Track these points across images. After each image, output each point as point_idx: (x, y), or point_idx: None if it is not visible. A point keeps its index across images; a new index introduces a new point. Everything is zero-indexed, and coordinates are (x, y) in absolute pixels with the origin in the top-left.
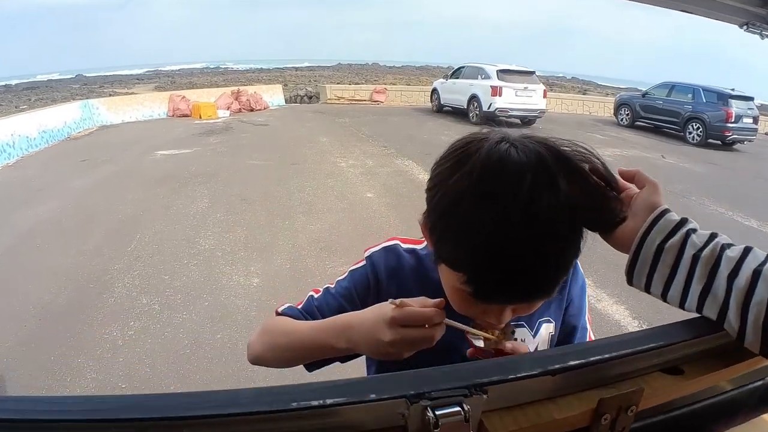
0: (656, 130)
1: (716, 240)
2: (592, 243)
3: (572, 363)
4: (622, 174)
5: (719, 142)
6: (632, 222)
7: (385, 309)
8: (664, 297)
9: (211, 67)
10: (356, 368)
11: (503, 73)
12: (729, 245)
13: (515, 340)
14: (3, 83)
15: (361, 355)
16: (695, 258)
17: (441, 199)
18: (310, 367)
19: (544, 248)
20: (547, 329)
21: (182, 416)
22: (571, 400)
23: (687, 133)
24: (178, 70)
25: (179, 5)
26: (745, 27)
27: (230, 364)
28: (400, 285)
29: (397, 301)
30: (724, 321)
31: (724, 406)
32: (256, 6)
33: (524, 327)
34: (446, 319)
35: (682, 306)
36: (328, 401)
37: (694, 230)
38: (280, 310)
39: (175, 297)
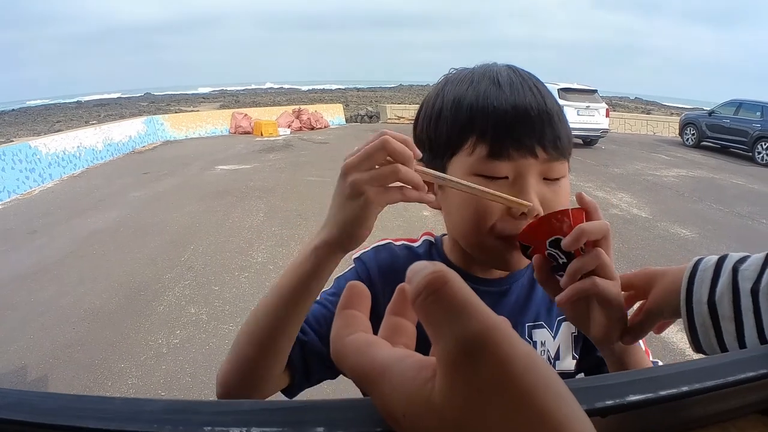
0: (723, 150)
1: None
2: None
3: (632, 399)
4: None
5: None
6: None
7: None
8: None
9: (275, 87)
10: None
11: (564, 92)
12: None
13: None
14: (75, 99)
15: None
16: (754, 293)
17: (426, 111)
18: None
19: (536, 89)
20: (568, 328)
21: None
22: None
23: (756, 153)
24: (243, 90)
25: (246, 27)
26: None
27: None
28: (396, 286)
29: None
30: None
31: None
32: (320, 28)
33: (543, 327)
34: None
35: None
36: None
37: (741, 260)
38: None
39: (223, 308)
